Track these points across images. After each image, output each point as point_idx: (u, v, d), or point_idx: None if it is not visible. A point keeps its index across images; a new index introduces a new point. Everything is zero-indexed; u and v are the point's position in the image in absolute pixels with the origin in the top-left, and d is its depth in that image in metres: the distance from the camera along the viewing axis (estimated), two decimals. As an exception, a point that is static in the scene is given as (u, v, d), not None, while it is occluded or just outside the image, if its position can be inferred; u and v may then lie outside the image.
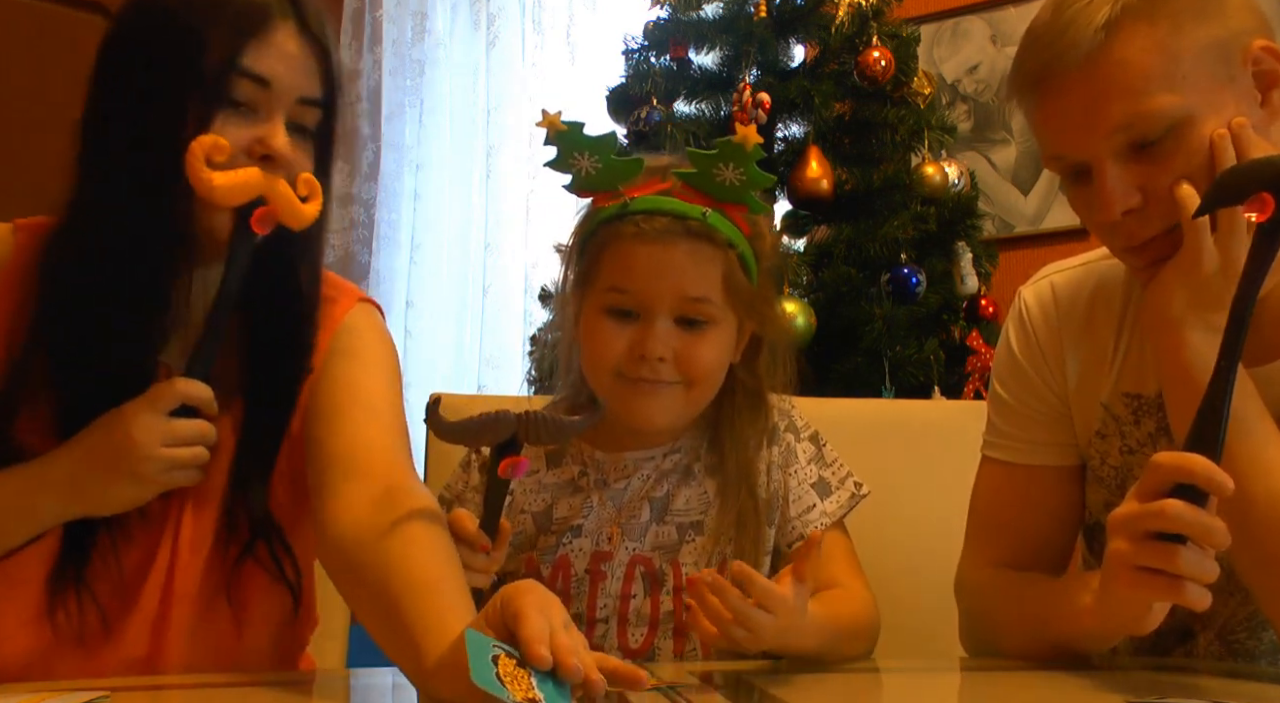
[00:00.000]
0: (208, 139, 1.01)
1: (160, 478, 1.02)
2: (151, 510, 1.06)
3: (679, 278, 1.12)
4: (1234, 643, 1.10)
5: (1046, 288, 1.19)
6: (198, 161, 1.01)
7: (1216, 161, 0.97)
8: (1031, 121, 1.06)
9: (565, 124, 1.08)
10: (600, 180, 1.13)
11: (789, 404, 1.26)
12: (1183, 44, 0.97)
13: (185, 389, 1.03)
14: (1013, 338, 1.20)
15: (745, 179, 1.10)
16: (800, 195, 2.43)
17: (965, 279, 2.45)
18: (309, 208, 1.07)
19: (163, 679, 1.07)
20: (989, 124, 3.13)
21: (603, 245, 1.15)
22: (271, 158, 1.05)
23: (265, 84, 1.04)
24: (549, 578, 1.17)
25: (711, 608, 0.96)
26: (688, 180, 1.13)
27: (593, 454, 1.21)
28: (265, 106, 1.05)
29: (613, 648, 1.15)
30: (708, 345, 1.14)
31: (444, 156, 3.59)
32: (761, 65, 2.50)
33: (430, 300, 3.53)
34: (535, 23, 3.57)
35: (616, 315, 1.14)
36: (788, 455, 1.22)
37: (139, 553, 1.07)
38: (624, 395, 1.14)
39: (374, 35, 3.72)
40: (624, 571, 1.16)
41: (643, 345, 1.12)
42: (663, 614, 1.15)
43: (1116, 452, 1.14)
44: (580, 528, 1.17)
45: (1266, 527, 0.95)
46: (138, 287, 1.05)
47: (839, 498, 1.21)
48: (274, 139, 1.04)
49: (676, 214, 1.12)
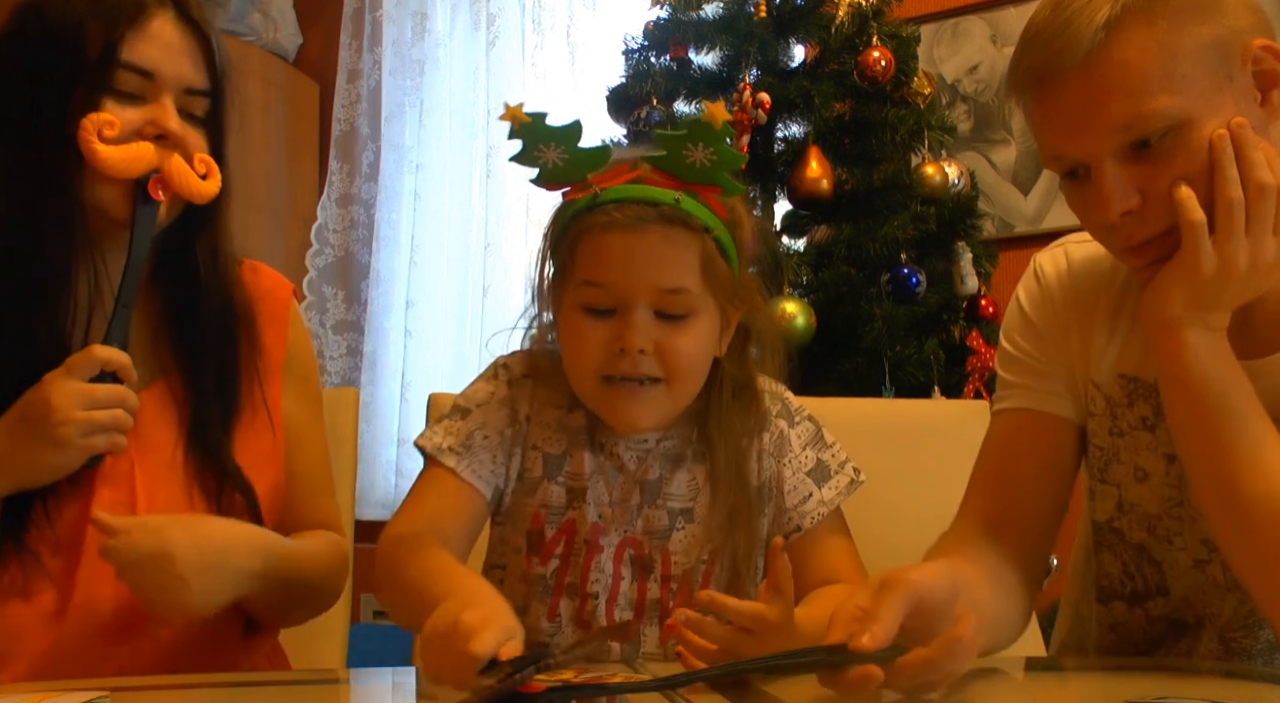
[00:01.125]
0: (98, 116, 1.07)
1: (80, 442, 1.04)
2: (83, 477, 1.09)
3: (654, 266, 1.09)
4: (1231, 642, 1.10)
5: (1062, 255, 1.19)
6: (90, 136, 1.07)
7: (1215, 163, 0.97)
8: (1030, 120, 1.05)
9: (528, 115, 1.05)
10: (568, 172, 1.10)
11: (782, 389, 1.24)
12: (1182, 44, 0.96)
13: (101, 354, 1.06)
14: (1024, 298, 1.20)
15: (716, 159, 1.07)
16: (800, 195, 2.43)
17: (965, 279, 2.44)
18: (208, 184, 1.14)
19: (163, 679, 1.07)
20: (989, 124, 3.13)
21: (575, 240, 1.12)
22: (166, 137, 1.11)
23: (148, 75, 1.10)
24: (551, 540, 1.14)
25: (696, 647, 0.93)
26: (658, 165, 1.10)
27: (597, 423, 1.17)
28: (153, 94, 1.11)
29: (600, 626, 1.13)
30: (689, 336, 1.10)
31: (444, 156, 3.59)
32: (761, 65, 2.49)
33: (430, 300, 3.54)
34: (535, 23, 3.57)
35: (593, 313, 1.10)
36: (780, 443, 1.20)
37: (74, 513, 1.10)
38: (607, 398, 1.11)
39: (374, 35, 3.72)
40: (614, 551, 1.15)
41: (622, 338, 1.08)
42: (649, 601, 1.14)
43: (1105, 432, 1.14)
44: (585, 493, 1.15)
45: (1263, 527, 0.95)
46: (39, 267, 1.10)
47: (837, 484, 1.19)
48: (165, 119, 1.11)
49: (648, 201, 1.09)
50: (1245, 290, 0.99)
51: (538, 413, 1.17)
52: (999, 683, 0.99)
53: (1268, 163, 0.97)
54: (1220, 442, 0.98)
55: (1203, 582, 1.11)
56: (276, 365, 1.25)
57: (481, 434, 1.15)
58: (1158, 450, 1.11)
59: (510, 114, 1.05)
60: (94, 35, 1.08)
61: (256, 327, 1.23)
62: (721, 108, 1.04)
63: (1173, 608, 1.14)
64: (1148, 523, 1.13)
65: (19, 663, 1.06)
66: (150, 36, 1.10)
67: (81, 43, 1.08)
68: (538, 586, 1.15)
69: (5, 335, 1.09)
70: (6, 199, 1.10)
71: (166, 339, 1.19)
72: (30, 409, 1.04)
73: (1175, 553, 1.12)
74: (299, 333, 1.30)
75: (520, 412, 1.17)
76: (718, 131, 1.05)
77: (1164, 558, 1.13)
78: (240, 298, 1.23)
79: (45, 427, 1.03)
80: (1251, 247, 0.97)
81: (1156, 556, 1.13)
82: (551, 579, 1.14)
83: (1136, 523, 1.14)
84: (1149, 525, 1.13)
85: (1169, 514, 1.11)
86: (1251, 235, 0.97)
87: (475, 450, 1.14)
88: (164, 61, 1.11)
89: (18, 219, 1.10)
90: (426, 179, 3.59)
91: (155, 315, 1.19)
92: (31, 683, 1.01)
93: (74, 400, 1.03)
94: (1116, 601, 1.18)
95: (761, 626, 0.92)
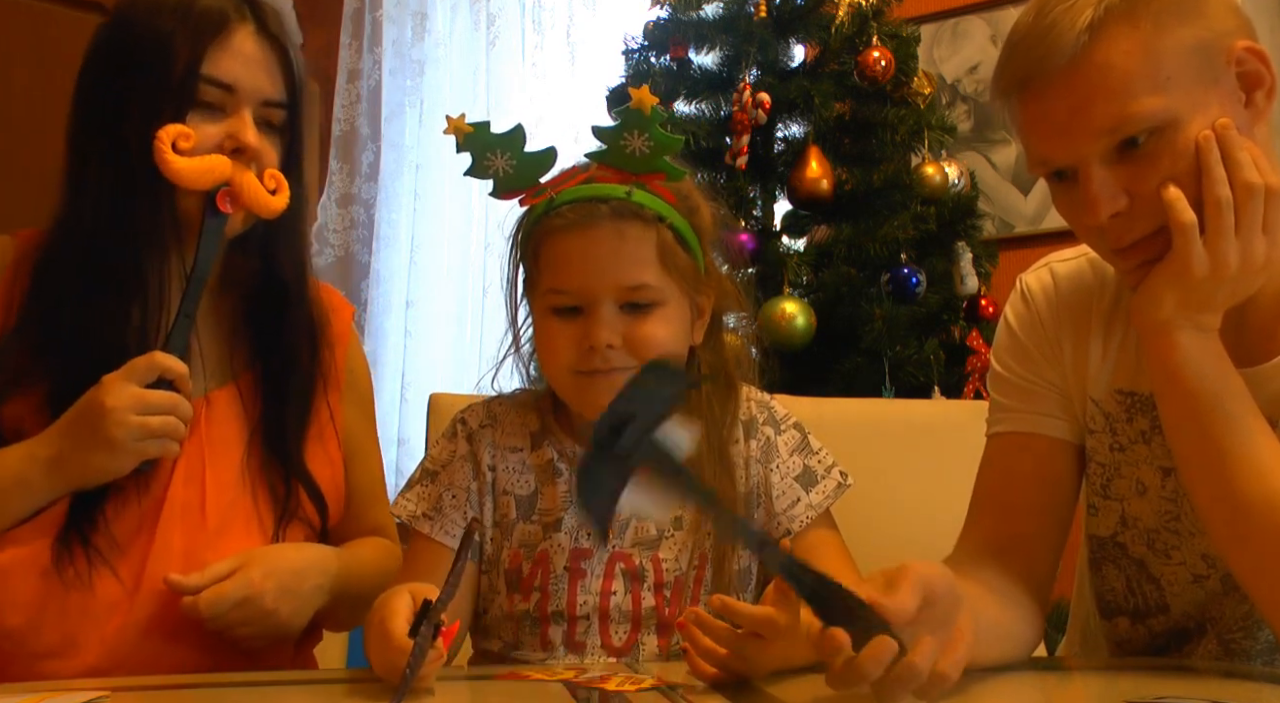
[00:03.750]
0: (173, 127, 1.11)
1: (132, 446, 1.07)
2: (146, 481, 1.13)
3: (611, 263, 1.11)
4: (1231, 643, 1.10)
5: (1047, 274, 1.19)
6: (164, 147, 1.10)
7: (1202, 163, 0.97)
8: (1016, 125, 1.05)
9: (471, 125, 1.06)
10: (518, 178, 1.11)
11: (768, 397, 1.25)
12: (1166, 45, 0.96)
13: (159, 361, 1.08)
14: (1013, 319, 1.19)
15: (654, 145, 1.08)
16: (800, 195, 2.43)
17: (965, 279, 2.45)
18: (277, 200, 1.17)
19: (163, 679, 1.07)
20: (989, 124, 3.13)
21: (538, 245, 1.15)
22: (243, 151, 1.14)
23: (229, 89, 1.14)
24: (528, 575, 1.16)
25: (705, 648, 0.94)
26: (602, 160, 1.11)
27: (572, 448, 1.19)
28: (233, 106, 1.14)
29: (595, 646, 1.14)
30: (656, 325, 1.12)
31: (444, 157, 3.59)
32: (761, 65, 2.49)
33: (430, 300, 3.53)
34: (535, 23, 3.57)
35: (561, 314, 1.13)
36: (767, 450, 1.21)
37: (133, 518, 1.13)
38: (582, 390, 1.13)
39: (374, 35, 3.72)
40: (604, 568, 1.15)
41: (589, 336, 1.10)
42: (644, 610, 1.15)
43: (1106, 448, 1.14)
44: (560, 523, 1.17)
45: (1262, 530, 0.95)
46: (114, 271, 1.13)
47: (824, 488, 1.20)
48: (243, 134, 1.14)
49: (599, 198, 1.11)
50: (1237, 291, 0.99)
51: (501, 459, 1.19)
52: (1000, 683, 0.99)
53: (1254, 163, 0.96)
54: (1216, 442, 0.98)
55: (1202, 597, 1.11)
56: (339, 380, 1.30)
57: (449, 494, 1.18)
58: (1154, 464, 1.11)
59: (453, 126, 1.07)
60: (180, 49, 1.12)
61: (326, 341, 1.28)
62: (647, 92, 1.06)
63: (1174, 623, 1.14)
64: (1147, 537, 1.13)
65: (88, 653, 1.09)
66: (232, 51, 1.14)
67: (168, 57, 1.12)
68: (524, 621, 1.16)
69: (98, 334, 1.12)
70: (102, 209, 1.14)
71: (243, 342, 1.23)
72: (86, 411, 1.07)
73: (1174, 568, 1.12)
74: (358, 352, 1.36)
75: (482, 463, 1.19)
76: (649, 117, 1.06)
77: (1162, 575, 1.13)
78: (317, 311, 1.27)
79: (100, 427, 1.05)
80: (1242, 246, 0.97)
81: (1155, 572, 1.13)
82: (535, 612, 1.15)
83: (1138, 538, 1.13)
84: (1148, 540, 1.13)
85: (1166, 528, 1.11)
86: (1241, 235, 0.96)
87: (445, 512, 1.17)
88: (244, 75, 1.15)
89: (113, 228, 1.13)
90: (426, 179, 3.59)
91: (231, 318, 1.23)
92: (31, 683, 1.01)
93: (128, 404, 1.05)
94: (1120, 616, 1.17)
95: (772, 629, 0.92)
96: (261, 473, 1.19)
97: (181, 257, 1.16)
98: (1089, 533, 1.19)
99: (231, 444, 1.19)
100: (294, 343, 1.24)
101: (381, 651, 0.93)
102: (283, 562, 1.13)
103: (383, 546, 1.31)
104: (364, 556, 1.26)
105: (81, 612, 1.09)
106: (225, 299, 1.23)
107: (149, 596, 1.11)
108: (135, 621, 1.11)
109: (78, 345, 1.12)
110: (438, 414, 1.52)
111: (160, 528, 1.12)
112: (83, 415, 1.07)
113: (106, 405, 1.05)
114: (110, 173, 1.13)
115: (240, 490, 1.18)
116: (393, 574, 1.28)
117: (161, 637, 1.11)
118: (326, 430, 1.26)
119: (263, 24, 1.17)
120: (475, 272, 3.51)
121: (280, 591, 1.10)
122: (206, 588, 1.08)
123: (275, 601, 1.09)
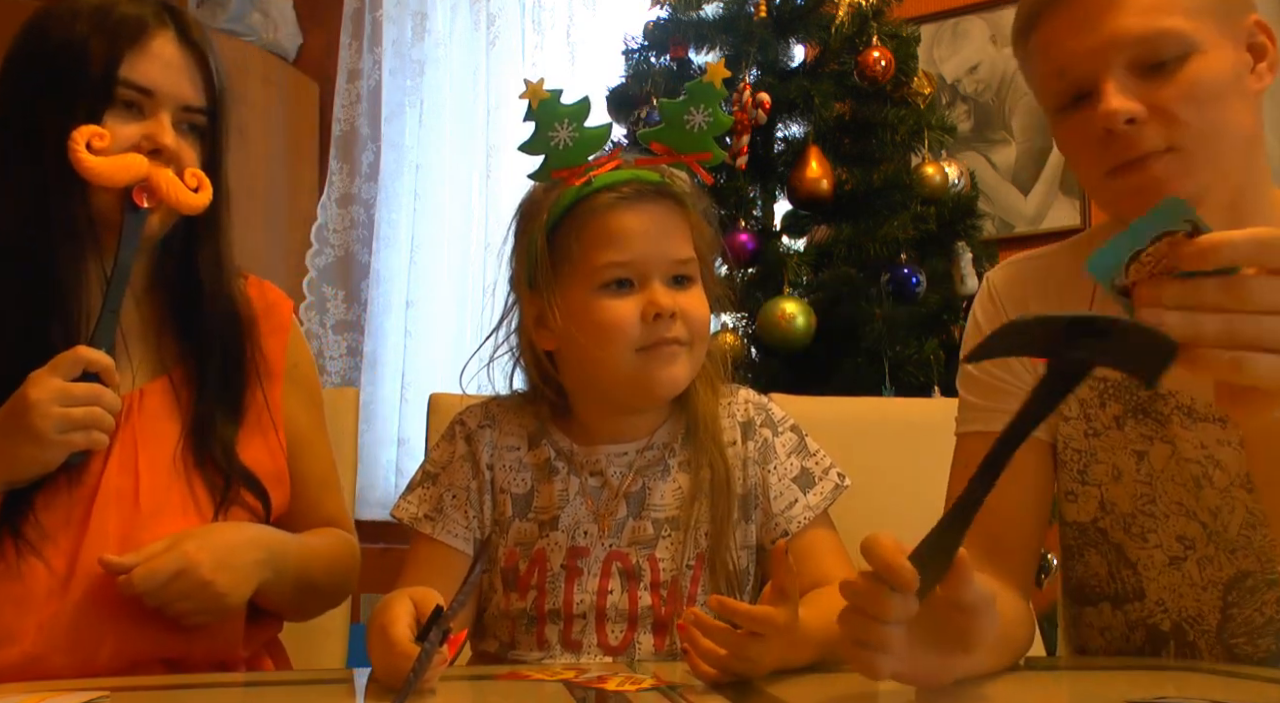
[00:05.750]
0: (88, 128, 1.13)
1: (57, 437, 1.08)
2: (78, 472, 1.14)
3: (666, 237, 1.14)
4: (1234, 647, 1.10)
5: (1014, 270, 1.21)
6: (78, 146, 1.12)
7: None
8: (1034, 56, 1.06)
9: (548, 91, 1.10)
10: (573, 153, 1.14)
11: (765, 399, 1.26)
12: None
13: (83, 355, 1.10)
14: (981, 317, 1.20)
15: (712, 121, 1.13)
16: (800, 195, 2.43)
17: (965, 279, 2.45)
18: (199, 196, 1.18)
19: (163, 679, 1.07)
20: (989, 124, 3.13)
21: (580, 227, 1.15)
22: (160, 152, 1.16)
23: (148, 92, 1.16)
24: (525, 573, 1.16)
25: (705, 649, 0.94)
26: (657, 138, 1.16)
27: (570, 447, 1.20)
28: (151, 109, 1.16)
29: (591, 645, 1.14)
30: (700, 300, 1.16)
31: (444, 156, 3.59)
32: (761, 65, 2.49)
33: (430, 300, 3.54)
34: (535, 23, 3.57)
35: (615, 290, 1.13)
36: (765, 451, 1.21)
37: (64, 507, 1.13)
38: (646, 367, 1.13)
39: (374, 35, 3.72)
40: (600, 566, 1.15)
41: (656, 305, 1.11)
42: (641, 609, 1.15)
43: (1081, 435, 1.14)
44: (557, 521, 1.17)
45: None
46: (51, 272, 1.15)
47: (821, 490, 1.20)
48: (161, 135, 1.16)
49: (640, 181, 1.15)
50: None
51: (498, 458, 1.20)
52: (999, 683, 0.99)
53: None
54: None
55: (1178, 581, 1.11)
56: (278, 372, 1.30)
57: (450, 495, 1.19)
58: (1128, 448, 1.12)
59: (531, 91, 1.09)
60: (96, 53, 1.14)
61: (258, 335, 1.29)
62: (723, 67, 1.11)
63: (1148, 612, 1.14)
64: (1124, 522, 1.14)
65: (24, 640, 1.09)
66: (151, 55, 1.16)
67: (84, 60, 1.14)
68: (521, 620, 1.16)
69: (20, 336, 1.14)
70: (19, 209, 1.15)
71: (170, 337, 1.25)
72: (14, 406, 1.08)
73: (1150, 551, 1.13)
74: (299, 343, 1.36)
75: (481, 462, 1.20)
76: (717, 91, 1.11)
77: (1139, 558, 1.14)
78: (243, 306, 1.28)
79: (24, 421, 1.07)
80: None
81: (1132, 556, 1.14)
82: (532, 610, 1.16)
83: (1116, 522, 1.14)
84: (1125, 524, 1.14)
85: (1142, 512, 1.12)
86: None
87: (447, 512, 1.18)
88: (163, 80, 1.16)
89: (29, 228, 1.15)
90: (426, 179, 3.59)
91: (157, 315, 1.25)
92: (31, 683, 1.01)
93: (51, 396, 1.07)
94: (1103, 601, 1.18)
95: (772, 629, 0.92)
96: (196, 463, 1.20)
97: (101, 258, 1.17)
98: (1069, 520, 1.19)
99: (165, 436, 1.20)
100: (215, 339, 1.25)
101: (384, 655, 0.93)
102: (218, 536, 1.13)
103: (336, 535, 1.31)
104: (313, 542, 1.26)
105: (13, 601, 1.10)
106: (153, 297, 1.25)
107: (83, 580, 1.11)
108: (71, 605, 1.10)
109: (20, 346, 1.13)
110: (438, 414, 1.52)
111: (95, 514, 1.13)
112: (10, 411, 1.08)
113: (30, 399, 1.07)
114: (26, 173, 1.15)
115: (175, 477, 1.18)
116: (349, 566, 1.31)
117: (99, 618, 1.11)
118: (265, 420, 1.27)
119: (183, 31, 1.19)
120: (475, 272, 3.51)
121: (216, 563, 1.09)
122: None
123: (212, 572, 1.09)
